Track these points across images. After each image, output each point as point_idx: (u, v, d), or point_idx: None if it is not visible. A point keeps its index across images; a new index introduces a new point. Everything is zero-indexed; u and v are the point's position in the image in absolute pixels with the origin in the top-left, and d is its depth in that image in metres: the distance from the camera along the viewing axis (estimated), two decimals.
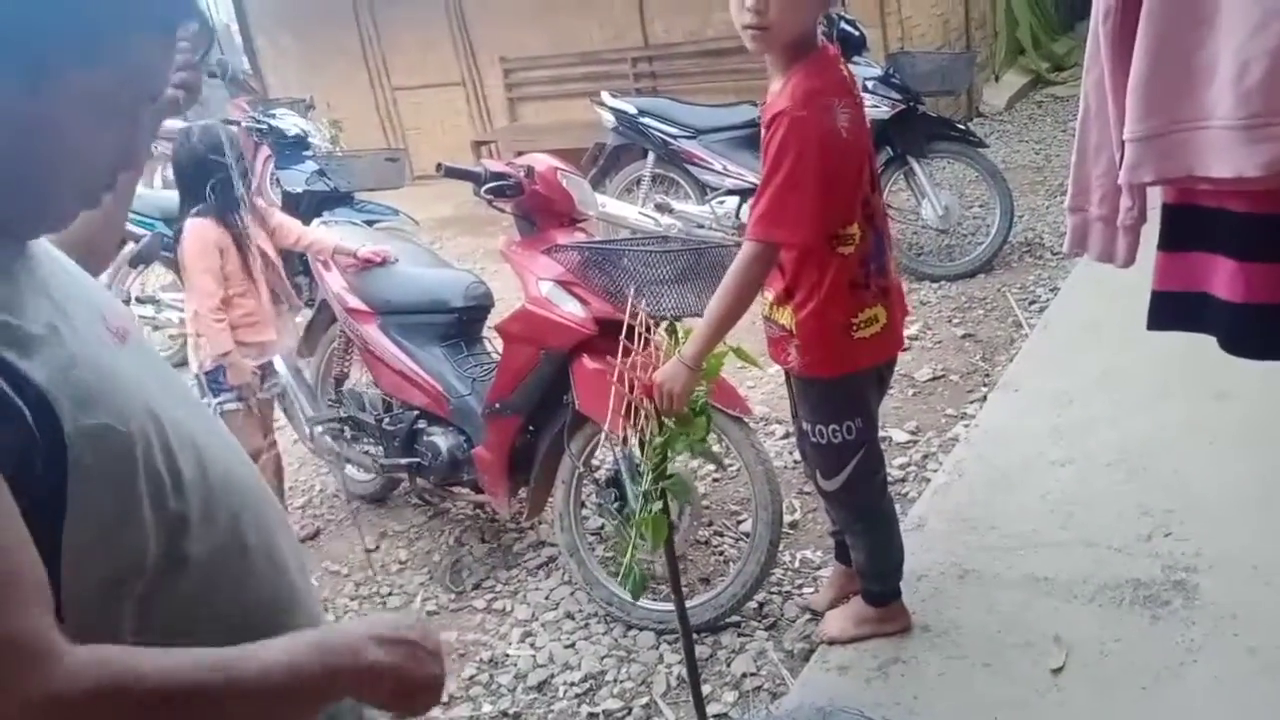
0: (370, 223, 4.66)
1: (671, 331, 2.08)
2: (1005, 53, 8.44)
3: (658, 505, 1.89)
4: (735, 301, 1.99)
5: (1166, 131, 1.30)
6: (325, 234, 3.38)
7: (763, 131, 2.01)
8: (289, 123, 5.43)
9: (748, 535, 2.76)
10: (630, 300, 2.16)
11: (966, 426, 3.39)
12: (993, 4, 8.35)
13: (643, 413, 1.93)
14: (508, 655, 2.68)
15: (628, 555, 1.92)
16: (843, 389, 2.16)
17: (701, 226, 5.16)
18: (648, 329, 2.09)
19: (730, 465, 3.32)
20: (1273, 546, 2.44)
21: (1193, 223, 1.42)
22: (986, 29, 8.36)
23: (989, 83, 8.09)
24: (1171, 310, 1.49)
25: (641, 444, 1.93)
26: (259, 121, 5.44)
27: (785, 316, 2.12)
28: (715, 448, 3.43)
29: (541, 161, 2.73)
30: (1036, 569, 2.55)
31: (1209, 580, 2.38)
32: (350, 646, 0.89)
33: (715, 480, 3.35)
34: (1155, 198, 1.43)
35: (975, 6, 8.08)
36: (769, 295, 2.16)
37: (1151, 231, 1.47)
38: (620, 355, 1.96)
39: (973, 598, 2.49)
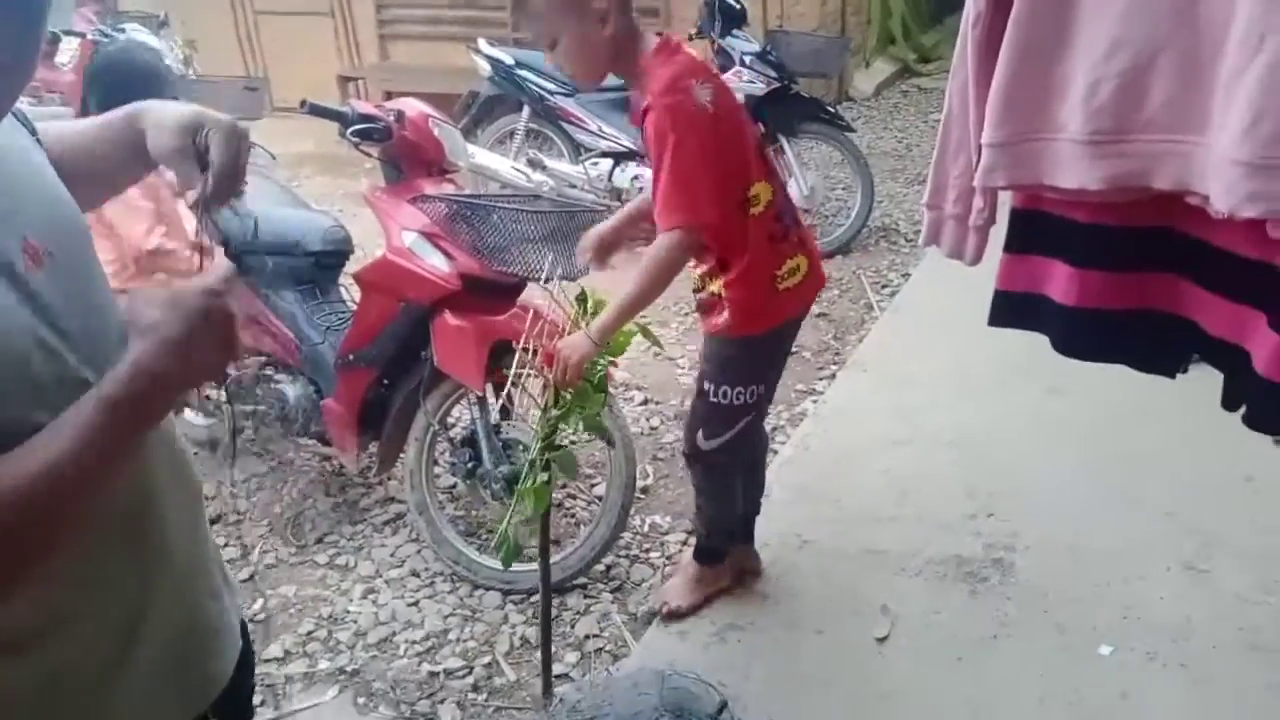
0: None
1: (581, 300, 2.05)
2: (877, 40, 8.67)
3: (543, 476, 1.89)
4: (651, 286, 1.99)
5: (1021, 140, 1.36)
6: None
7: (641, 133, 2.02)
8: (139, 40, 5.06)
9: (600, 499, 2.79)
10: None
11: (815, 403, 3.51)
12: None
13: (542, 380, 1.92)
14: (348, 612, 2.64)
15: (505, 523, 1.93)
16: (763, 348, 2.22)
17: (574, 186, 5.13)
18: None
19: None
20: (1085, 531, 2.64)
21: (1037, 228, 1.50)
22: (861, 15, 8.55)
23: (860, 68, 8.30)
24: (1012, 309, 1.58)
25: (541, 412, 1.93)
26: (106, 35, 5.06)
27: (717, 285, 2.14)
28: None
29: (413, 107, 2.64)
30: (871, 542, 2.68)
31: (1025, 560, 2.56)
32: (139, 382, 0.83)
33: (572, 443, 3.35)
34: (1006, 201, 1.51)
35: None
36: (698, 271, 2.18)
37: (999, 232, 1.55)
38: (530, 320, 1.93)
39: (810, 567, 2.60)
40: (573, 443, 3.31)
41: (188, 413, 3.34)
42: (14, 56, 0.79)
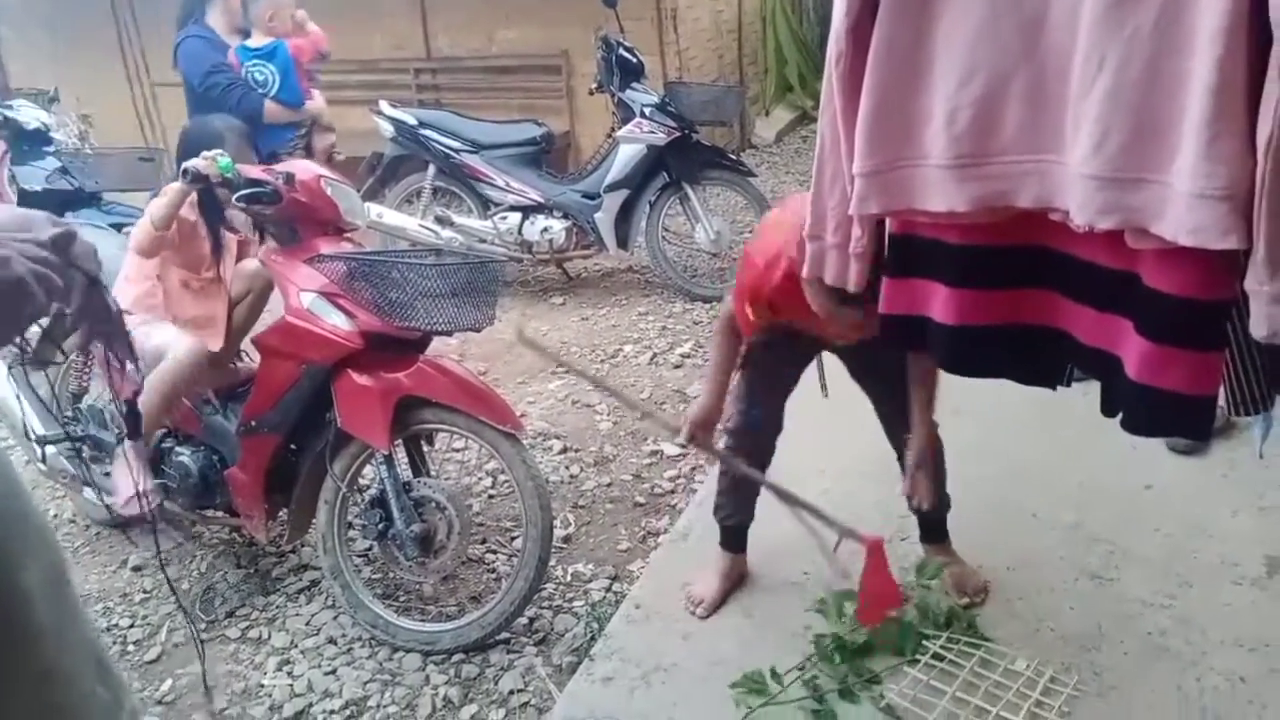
0: (118, 226, 4.30)
1: None
2: (775, 89, 8.94)
3: None
4: None
5: (889, 168, 1.42)
6: None
7: None
8: (27, 115, 4.93)
9: (520, 552, 2.75)
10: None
11: None
12: (763, 42, 8.83)
13: None
14: (262, 685, 2.55)
15: None
16: None
17: (484, 241, 5.15)
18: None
19: (503, 480, 3.31)
20: (995, 548, 2.69)
21: (914, 252, 1.55)
22: (758, 66, 8.82)
23: (760, 116, 8.53)
24: (898, 331, 1.62)
25: None
26: None
27: None
28: (490, 464, 3.41)
29: (303, 168, 2.62)
30: (791, 573, 2.69)
31: (936, 580, 2.59)
32: None
33: (491, 497, 3.32)
34: None
35: (748, 44, 8.51)
36: None
37: None
38: None
39: (731, 604, 2.60)
40: (491, 496, 3.29)
41: (88, 492, 3.22)
42: None
